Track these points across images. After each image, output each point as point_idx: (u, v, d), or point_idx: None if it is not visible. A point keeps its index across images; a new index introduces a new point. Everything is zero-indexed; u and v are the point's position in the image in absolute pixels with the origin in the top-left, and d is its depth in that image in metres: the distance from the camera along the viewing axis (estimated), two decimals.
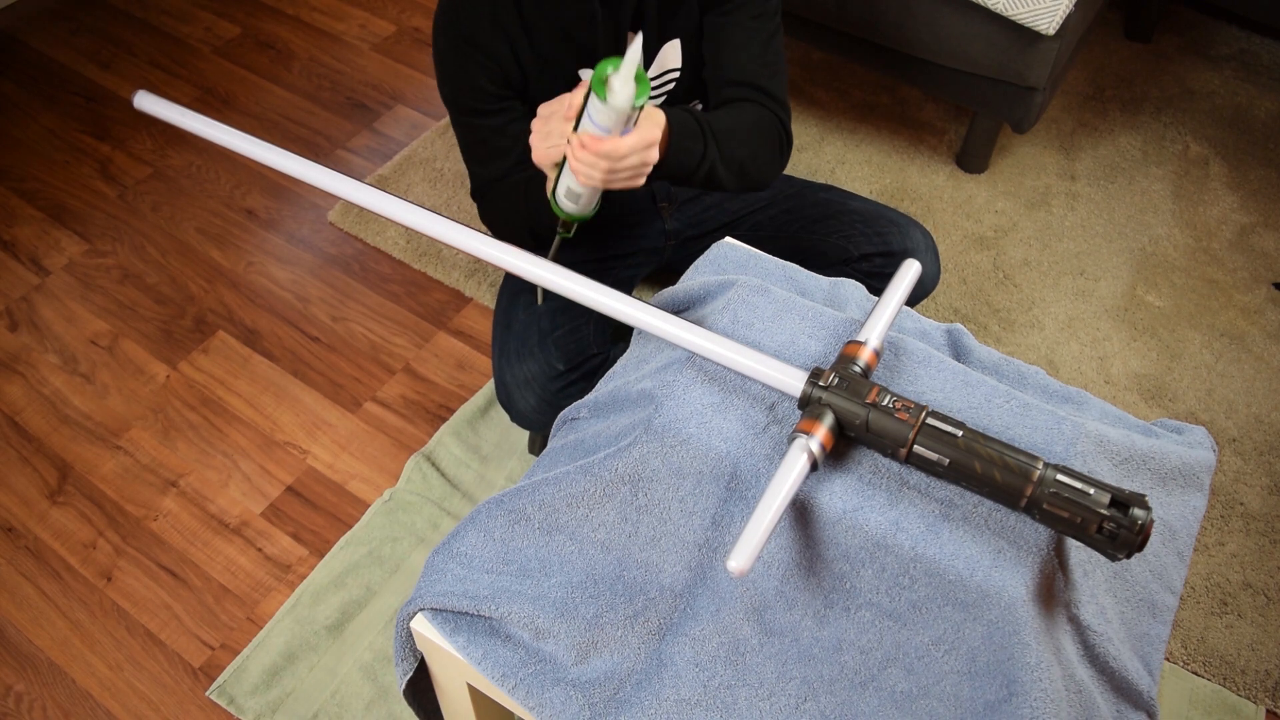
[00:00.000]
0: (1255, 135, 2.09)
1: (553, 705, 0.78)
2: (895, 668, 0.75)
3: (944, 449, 0.71)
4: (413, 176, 1.99)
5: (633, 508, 0.81)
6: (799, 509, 0.76)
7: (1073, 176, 2.00)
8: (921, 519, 0.73)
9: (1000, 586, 0.71)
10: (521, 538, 0.85)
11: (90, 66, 2.24)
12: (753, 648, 0.78)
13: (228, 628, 1.39)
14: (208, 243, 1.89)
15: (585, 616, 0.80)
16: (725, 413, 0.79)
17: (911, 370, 0.82)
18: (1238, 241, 1.89)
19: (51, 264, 1.85)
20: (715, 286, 0.94)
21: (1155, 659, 0.82)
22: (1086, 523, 0.67)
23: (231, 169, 2.02)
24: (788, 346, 0.84)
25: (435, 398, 1.65)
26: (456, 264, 1.83)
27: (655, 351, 0.92)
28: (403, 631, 0.87)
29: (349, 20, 2.37)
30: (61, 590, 1.43)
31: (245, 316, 1.77)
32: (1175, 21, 2.35)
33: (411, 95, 2.19)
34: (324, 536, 1.48)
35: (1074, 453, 0.76)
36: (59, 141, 2.07)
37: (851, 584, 0.75)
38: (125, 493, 1.53)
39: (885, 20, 1.79)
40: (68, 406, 1.64)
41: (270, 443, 1.59)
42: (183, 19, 2.37)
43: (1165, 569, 0.85)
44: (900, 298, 0.85)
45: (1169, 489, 0.86)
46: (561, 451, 0.90)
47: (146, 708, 1.32)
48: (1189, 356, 1.71)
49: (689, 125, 1.10)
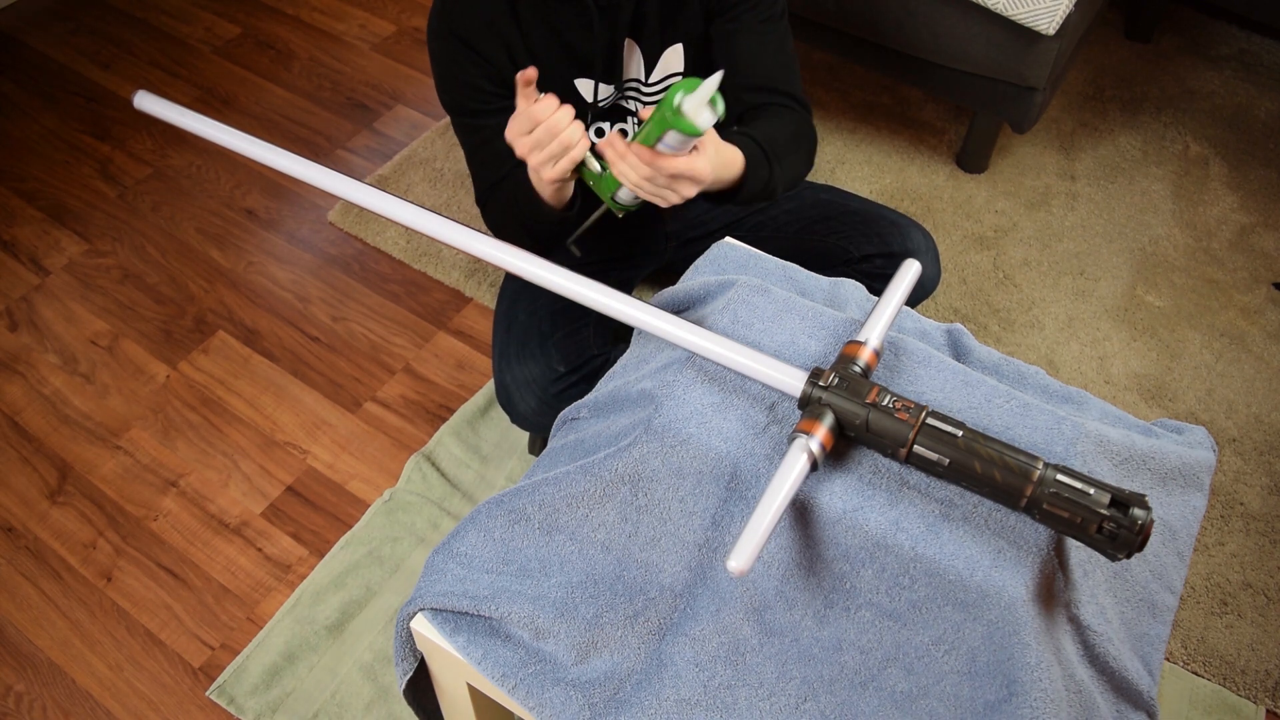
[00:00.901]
0: (1255, 135, 2.09)
1: (553, 705, 0.78)
2: (895, 667, 0.75)
3: (944, 449, 0.71)
4: (413, 176, 1.99)
5: (633, 508, 0.81)
6: (799, 509, 0.76)
7: (1073, 176, 2.00)
8: (921, 519, 0.73)
9: (1000, 586, 0.71)
10: (521, 538, 0.85)
11: (90, 66, 2.24)
12: (753, 648, 0.78)
13: (228, 628, 1.39)
14: (208, 243, 1.89)
15: (585, 616, 0.80)
16: (725, 413, 0.79)
17: (911, 370, 0.82)
18: (1238, 241, 1.89)
19: (51, 264, 1.85)
20: (715, 286, 0.94)
21: (1155, 659, 0.82)
22: (1086, 523, 0.67)
23: (231, 169, 2.02)
24: (788, 346, 0.84)
25: (435, 398, 1.65)
26: (456, 264, 1.83)
27: (655, 351, 0.92)
28: (403, 631, 0.87)
29: (349, 20, 2.37)
30: (61, 590, 1.43)
31: (245, 316, 1.77)
32: (1175, 21, 2.35)
33: (411, 95, 2.19)
34: (324, 537, 1.48)
35: (1074, 453, 0.76)
36: (59, 141, 2.07)
37: (851, 584, 0.75)
38: (125, 493, 1.53)
39: (885, 20, 1.79)
40: (68, 406, 1.64)
41: (270, 443, 1.59)
42: (183, 19, 2.37)
43: (1165, 569, 0.85)
44: (900, 298, 0.85)
45: (1169, 489, 0.86)
46: (561, 451, 0.90)
47: (146, 708, 1.32)
48: (1189, 357, 1.71)
49: (756, 154, 1.12)
